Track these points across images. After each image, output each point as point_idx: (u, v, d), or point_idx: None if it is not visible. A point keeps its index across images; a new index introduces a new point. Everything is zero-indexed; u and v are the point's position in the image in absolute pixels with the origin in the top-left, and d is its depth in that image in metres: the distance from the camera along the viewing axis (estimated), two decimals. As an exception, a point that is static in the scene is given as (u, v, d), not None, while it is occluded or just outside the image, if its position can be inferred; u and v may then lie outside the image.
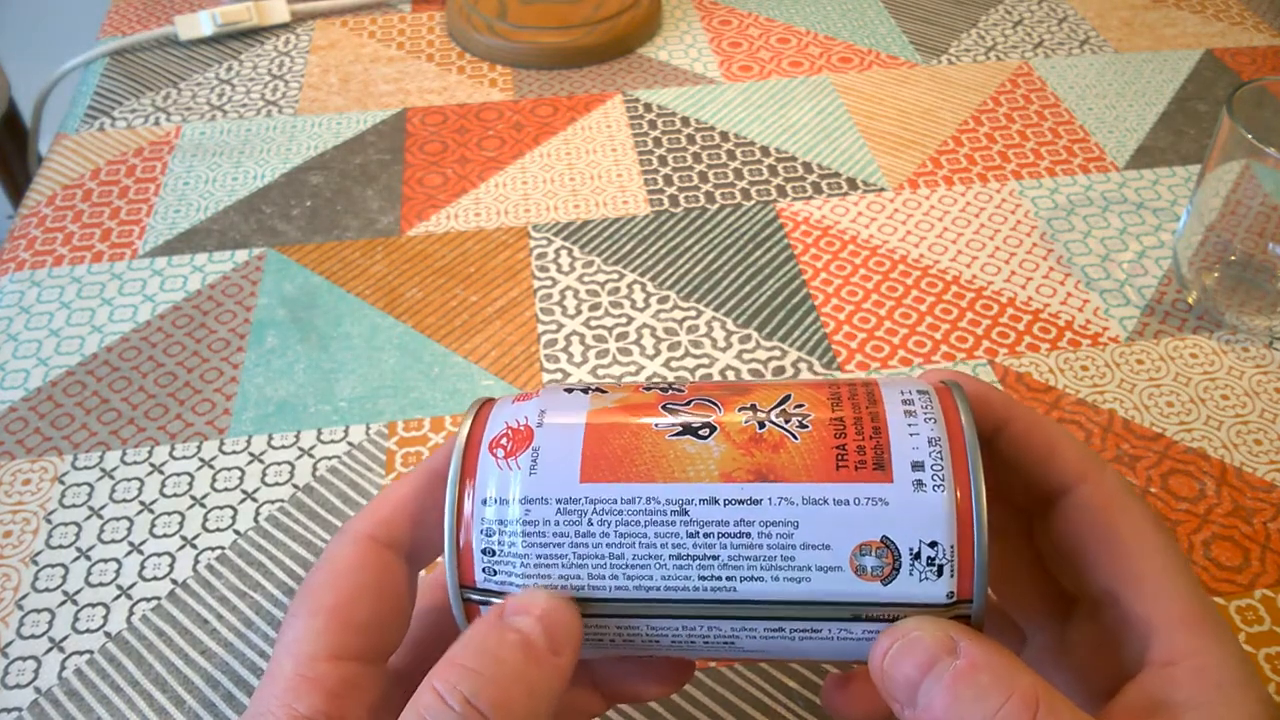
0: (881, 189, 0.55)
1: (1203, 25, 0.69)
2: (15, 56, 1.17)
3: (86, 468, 0.42)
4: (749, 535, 0.22)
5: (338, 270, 0.50)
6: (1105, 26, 0.69)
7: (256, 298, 0.49)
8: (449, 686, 0.21)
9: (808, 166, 0.57)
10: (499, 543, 0.23)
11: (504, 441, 0.24)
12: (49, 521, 0.40)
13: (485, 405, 0.26)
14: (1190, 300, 0.49)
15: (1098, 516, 0.23)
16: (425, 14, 0.70)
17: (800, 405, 0.24)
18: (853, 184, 0.56)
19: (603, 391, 0.25)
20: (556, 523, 0.23)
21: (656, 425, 0.23)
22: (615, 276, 0.50)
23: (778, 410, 0.24)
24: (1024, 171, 0.56)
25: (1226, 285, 0.47)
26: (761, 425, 0.23)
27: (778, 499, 0.22)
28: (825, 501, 0.22)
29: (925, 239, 0.52)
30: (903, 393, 0.24)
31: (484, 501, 0.23)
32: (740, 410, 0.24)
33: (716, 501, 0.22)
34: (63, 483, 0.41)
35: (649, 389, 0.25)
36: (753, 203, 0.54)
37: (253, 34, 0.68)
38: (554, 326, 0.48)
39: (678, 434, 0.23)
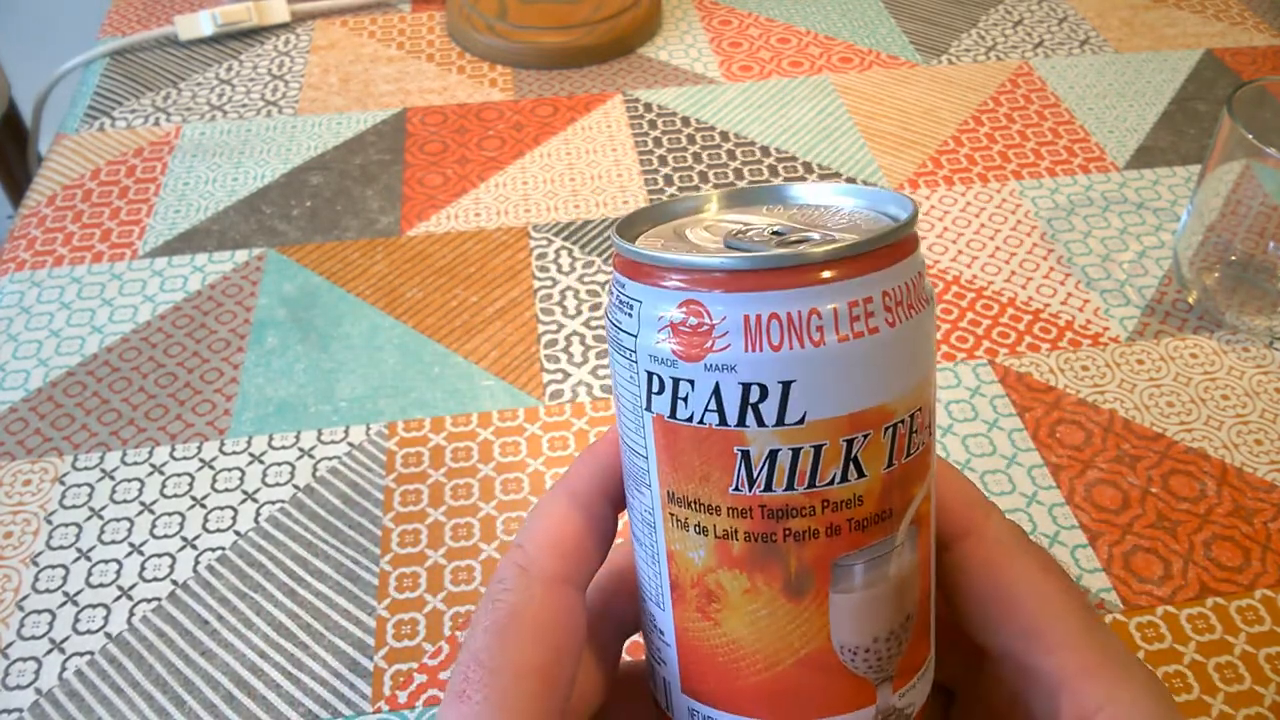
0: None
1: (1203, 25, 0.69)
2: (15, 56, 1.17)
3: (87, 468, 0.42)
4: None
5: (338, 270, 0.50)
6: (1105, 26, 0.69)
7: (256, 298, 0.49)
8: None
9: (808, 166, 0.57)
10: None
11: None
12: (49, 522, 0.40)
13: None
14: (1190, 300, 0.49)
15: (984, 571, 0.22)
16: (425, 14, 0.70)
17: None
18: (853, 184, 0.56)
19: None
20: None
21: None
22: (615, 277, 0.50)
23: None
24: (1024, 171, 0.56)
25: (1227, 285, 0.47)
26: None
27: None
28: None
29: (925, 239, 0.52)
30: None
31: None
32: None
33: None
34: (63, 483, 0.41)
35: None
36: (753, 203, 0.54)
37: (253, 34, 0.68)
38: (554, 326, 0.48)
39: None
